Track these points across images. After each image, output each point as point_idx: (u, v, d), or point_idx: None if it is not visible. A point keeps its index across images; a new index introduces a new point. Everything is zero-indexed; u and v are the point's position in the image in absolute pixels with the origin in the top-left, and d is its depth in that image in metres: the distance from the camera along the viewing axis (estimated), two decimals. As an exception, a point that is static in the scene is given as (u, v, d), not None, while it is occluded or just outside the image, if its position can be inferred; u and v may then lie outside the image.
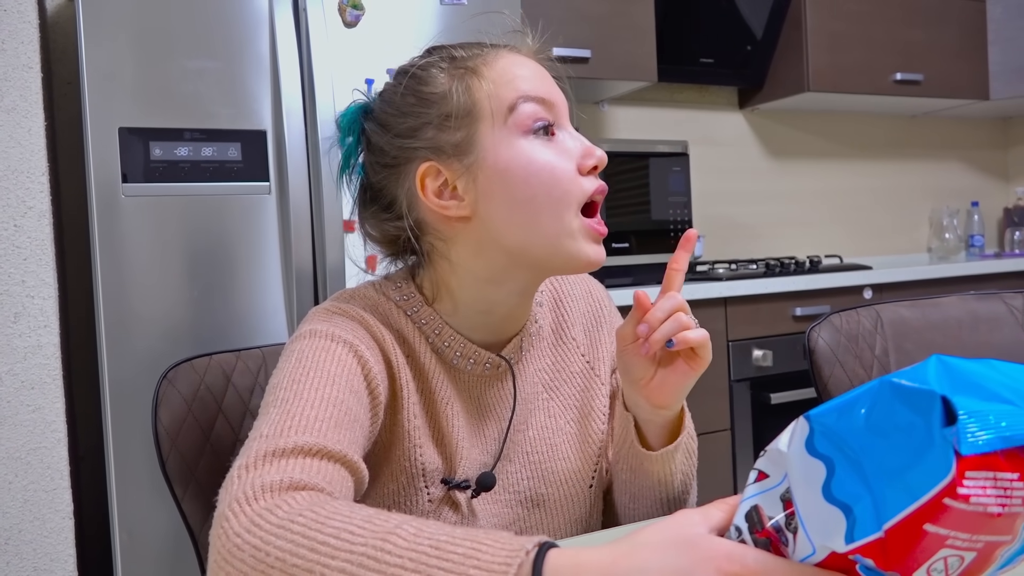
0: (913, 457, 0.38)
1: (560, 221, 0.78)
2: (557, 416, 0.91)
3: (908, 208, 3.63)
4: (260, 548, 0.55)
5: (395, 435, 0.82)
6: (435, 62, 0.83)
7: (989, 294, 1.26)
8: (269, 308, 1.76)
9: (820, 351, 1.15)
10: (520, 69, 0.81)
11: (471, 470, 0.85)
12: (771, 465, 0.48)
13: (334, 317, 0.81)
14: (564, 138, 0.80)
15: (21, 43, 1.59)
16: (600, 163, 0.80)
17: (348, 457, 0.68)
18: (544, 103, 0.79)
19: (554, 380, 0.92)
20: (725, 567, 0.45)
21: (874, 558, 0.40)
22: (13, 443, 1.57)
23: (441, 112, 0.79)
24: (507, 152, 0.78)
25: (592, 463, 0.91)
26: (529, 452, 0.89)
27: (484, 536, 0.51)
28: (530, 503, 0.88)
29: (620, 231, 2.47)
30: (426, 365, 0.83)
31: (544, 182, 0.77)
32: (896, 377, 0.40)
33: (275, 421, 0.68)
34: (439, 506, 0.83)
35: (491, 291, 0.83)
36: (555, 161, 0.78)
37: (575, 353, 0.94)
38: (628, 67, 2.59)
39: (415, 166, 0.81)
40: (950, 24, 3.21)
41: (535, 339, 0.91)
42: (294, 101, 1.76)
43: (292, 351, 0.77)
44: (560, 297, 0.97)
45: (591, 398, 0.93)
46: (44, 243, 1.60)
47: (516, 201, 0.78)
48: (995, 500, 0.36)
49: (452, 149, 0.79)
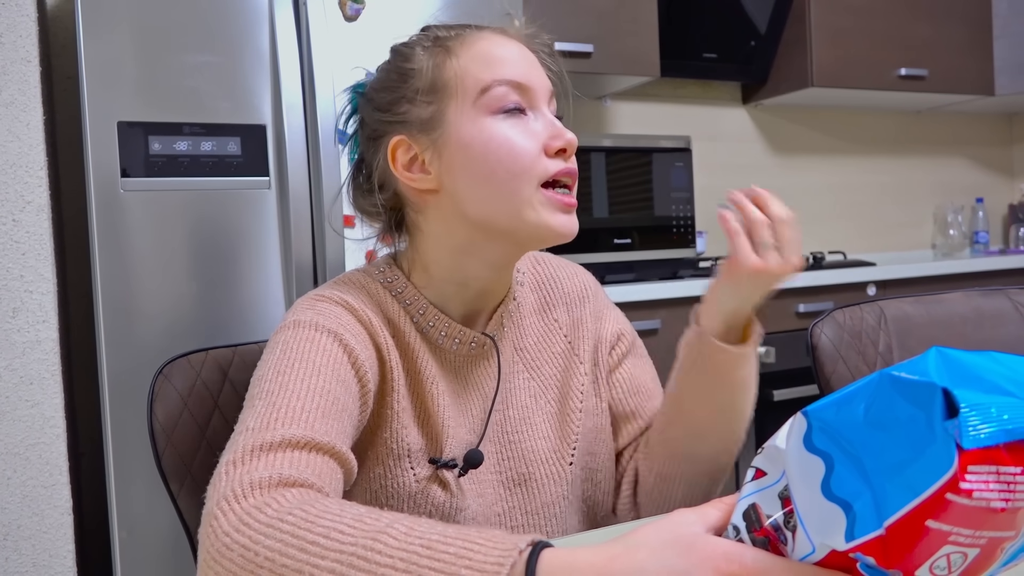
0: (914, 451, 0.37)
1: (517, 194, 0.79)
2: (537, 396, 0.91)
3: (912, 204, 3.61)
4: (249, 548, 0.54)
5: (382, 418, 0.82)
6: (420, 40, 0.86)
7: (994, 290, 1.25)
8: (269, 303, 1.75)
9: (823, 347, 1.14)
10: (500, 51, 0.82)
11: (457, 449, 0.85)
12: (769, 463, 0.47)
13: (318, 305, 0.81)
14: (534, 120, 0.81)
15: (20, 36, 1.59)
16: (568, 145, 0.81)
17: (336, 448, 0.67)
18: (519, 87, 0.81)
19: (536, 360, 0.93)
20: (723, 567, 0.44)
21: (875, 556, 0.39)
22: (12, 439, 1.57)
23: (414, 87, 0.83)
24: (471, 129, 0.80)
25: (571, 441, 0.92)
26: (510, 432, 0.89)
27: (476, 535, 0.50)
28: (513, 482, 0.88)
29: (623, 227, 2.46)
30: (412, 345, 0.84)
31: (501, 159, 0.79)
32: (895, 370, 0.39)
33: (261, 414, 0.67)
34: (426, 485, 0.83)
35: (464, 261, 0.84)
36: (516, 139, 0.79)
37: (558, 334, 0.95)
38: (631, 62, 2.58)
39: (388, 138, 0.84)
40: (955, 19, 3.19)
41: (516, 317, 0.92)
42: (294, 96, 1.75)
43: (276, 342, 0.77)
44: (543, 279, 0.98)
45: (570, 377, 0.94)
46: (43, 238, 1.60)
47: (476, 176, 0.80)
48: (998, 495, 0.35)
49: (421, 124, 0.82)
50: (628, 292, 2.13)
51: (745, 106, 3.23)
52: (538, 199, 0.79)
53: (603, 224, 2.42)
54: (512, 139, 0.79)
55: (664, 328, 2.20)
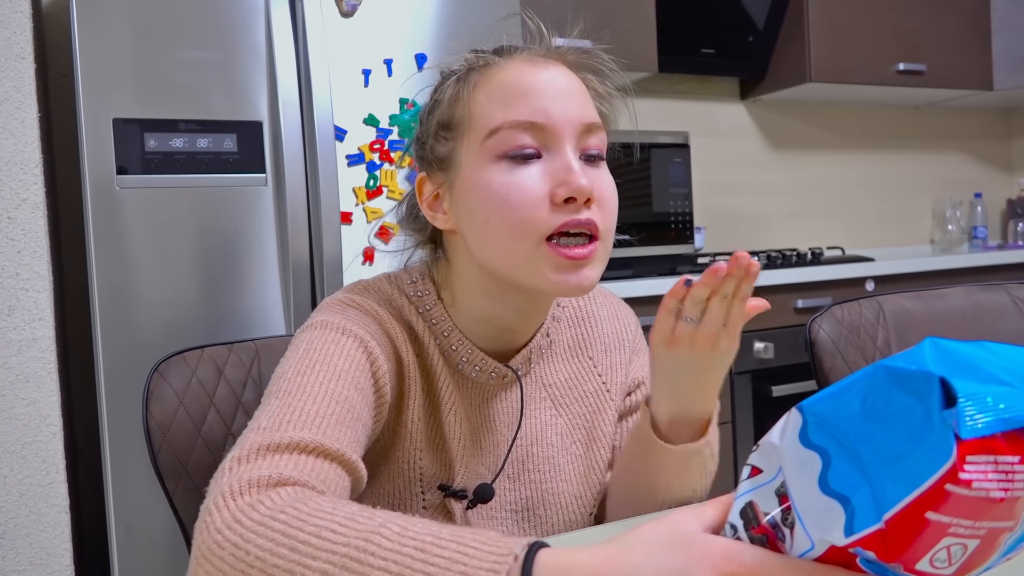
0: (912, 443, 0.37)
1: (515, 249, 0.73)
2: (564, 435, 0.88)
3: (911, 200, 3.61)
4: (240, 546, 0.53)
5: (397, 435, 0.80)
6: (459, 65, 0.81)
7: (993, 285, 1.25)
8: (266, 301, 1.75)
9: (821, 343, 1.13)
10: (524, 82, 0.75)
11: (469, 480, 0.83)
12: (764, 460, 0.47)
13: (347, 309, 0.79)
14: (550, 162, 0.74)
15: (14, 33, 1.58)
16: (576, 195, 0.72)
17: (346, 456, 0.66)
18: (532, 128, 0.73)
19: (565, 397, 0.89)
20: (722, 565, 0.44)
21: (875, 550, 0.39)
22: (8, 437, 1.56)
23: (436, 121, 0.79)
24: (473, 173, 0.75)
25: (596, 490, 0.88)
26: (532, 470, 0.86)
27: (471, 538, 0.49)
28: (525, 521, 0.85)
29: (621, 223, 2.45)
30: (434, 366, 0.81)
31: (497, 208, 0.73)
32: (891, 361, 0.38)
33: (275, 413, 0.66)
34: (433, 514, 0.81)
35: (487, 303, 0.81)
36: (515, 188, 0.72)
37: (591, 372, 0.91)
38: (629, 58, 2.53)
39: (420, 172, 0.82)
40: (953, 13, 3.18)
41: (546, 353, 0.88)
42: (290, 92, 1.74)
43: (301, 341, 0.75)
44: (584, 316, 0.93)
45: (600, 423, 0.89)
46: (39, 235, 1.59)
47: (477, 223, 0.75)
48: (997, 484, 0.35)
49: (438, 163, 0.79)
50: (626, 288, 2.13)
51: (743, 102, 3.22)
52: (539, 255, 0.72)
53: (601, 220, 2.42)
54: (508, 186, 0.72)
55: (662, 324, 2.19)
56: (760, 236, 3.24)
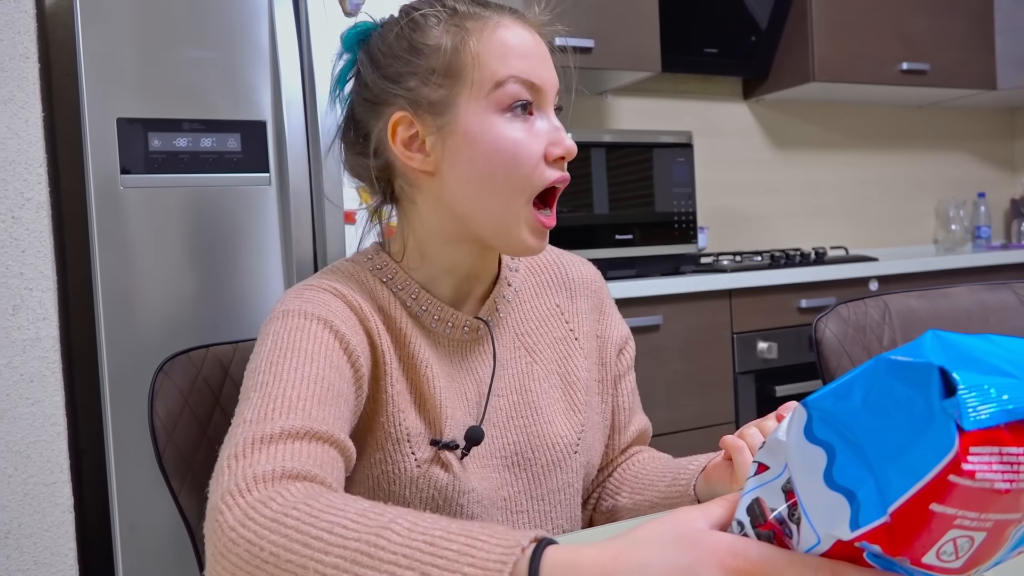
0: (914, 434, 0.36)
1: (509, 206, 0.79)
2: (541, 380, 0.91)
3: (914, 199, 3.61)
4: (254, 543, 0.54)
5: (378, 403, 0.82)
6: (437, 11, 0.82)
7: (998, 284, 1.24)
8: (270, 300, 1.75)
9: (827, 342, 1.13)
10: (518, 43, 0.80)
11: (457, 431, 0.85)
12: (770, 456, 0.46)
13: (306, 293, 0.80)
14: (539, 121, 0.80)
15: (18, 33, 1.58)
16: (568, 154, 0.80)
17: (335, 436, 0.68)
18: (531, 87, 0.79)
19: (538, 344, 0.93)
20: (728, 562, 0.44)
21: (881, 544, 0.39)
22: (12, 436, 1.56)
23: (428, 66, 0.80)
24: (480, 124, 0.79)
25: (577, 430, 0.91)
26: (514, 416, 0.89)
27: (479, 531, 0.50)
28: (516, 467, 0.88)
29: (624, 223, 2.45)
30: (404, 330, 0.84)
31: (506, 161, 0.78)
32: (892, 354, 0.38)
33: (257, 405, 0.67)
34: (428, 468, 0.82)
35: (449, 250, 0.85)
36: (522, 142, 0.78)
37: (559, 319, 0.95)
38: (632, 57, 2.57)
39: (392, 110, 0.82)
40: (957, 13, 3.18)
41: (515, 302, 0.92)
42: (294, 91, 1.75)
43: (267, 334, 0.76)
44: (545, 264, 0.98)
45: (573, 368, 0.93)
46: (43, 235, 1.60)
47: (476, 173, 0.79)
48: (1001, 476, 0.35)
49: (429, 106, 0.80)
50: (629, 288, 2.13)
51: (746, 101, 3.22)
52: (524, 216, 0.80)
53: (604, 220, 2.42)
54: (519, 142, 0.78)
55: (665, 324, 2.20)
56: (763, 236, 3.24)
